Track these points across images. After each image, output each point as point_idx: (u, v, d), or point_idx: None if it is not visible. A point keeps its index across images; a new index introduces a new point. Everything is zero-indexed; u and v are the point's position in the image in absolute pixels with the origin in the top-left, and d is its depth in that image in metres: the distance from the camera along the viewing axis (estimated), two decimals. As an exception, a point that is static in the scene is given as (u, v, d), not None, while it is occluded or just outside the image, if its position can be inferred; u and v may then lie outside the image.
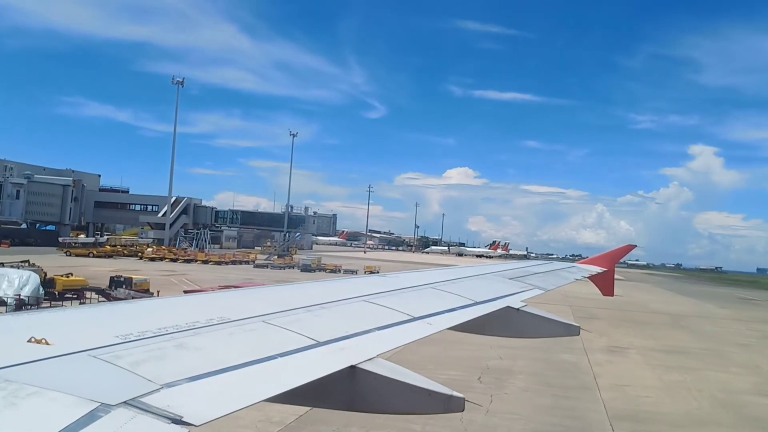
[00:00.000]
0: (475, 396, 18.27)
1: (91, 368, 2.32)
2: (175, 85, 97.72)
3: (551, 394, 19.76)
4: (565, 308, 44.95)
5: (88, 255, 73.14)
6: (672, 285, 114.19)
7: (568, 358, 25.86)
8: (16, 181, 49.04)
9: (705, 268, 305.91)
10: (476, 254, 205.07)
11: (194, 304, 3.97)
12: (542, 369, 23.41)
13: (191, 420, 2.10)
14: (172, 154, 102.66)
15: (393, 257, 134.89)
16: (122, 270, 45.46)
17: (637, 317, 47.25)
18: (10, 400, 1.92)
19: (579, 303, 50.11)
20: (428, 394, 3.20)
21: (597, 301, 56.12)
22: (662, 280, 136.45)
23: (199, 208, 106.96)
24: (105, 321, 3.16)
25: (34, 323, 2.84)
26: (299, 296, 4.54)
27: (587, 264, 12.19)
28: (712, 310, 60.44)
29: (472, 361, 23.53)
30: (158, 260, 76.57)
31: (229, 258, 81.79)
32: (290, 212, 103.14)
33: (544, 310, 5.89)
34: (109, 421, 1.91)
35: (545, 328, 5.80)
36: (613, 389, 20.88)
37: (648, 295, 75.81)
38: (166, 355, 2.61)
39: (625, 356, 28.21)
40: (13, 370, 2.13)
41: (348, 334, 3.50)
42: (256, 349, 2.92)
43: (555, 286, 8.37)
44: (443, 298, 5.30)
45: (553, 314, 5.89)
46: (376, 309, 4.35)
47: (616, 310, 50.01)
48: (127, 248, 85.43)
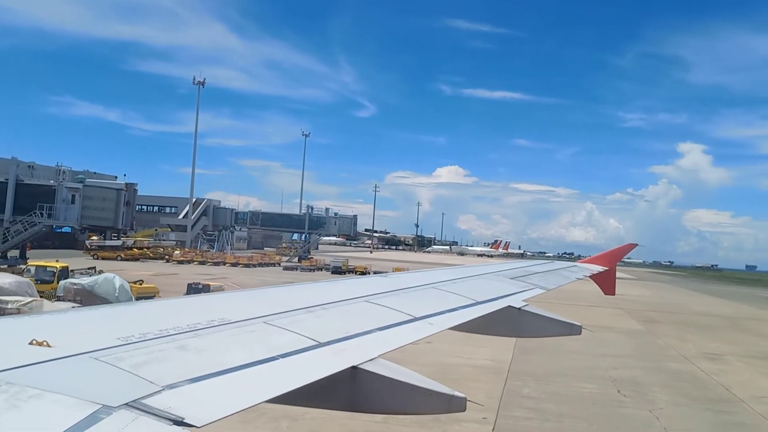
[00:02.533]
0: (633, 412, 18.23)
1: (93, 370, 2.33)
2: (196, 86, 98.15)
3: (705, 408, 19.28)
4: (622, 313, 45.44)
5: (115, 258, 71.02)
6: (687, 284, 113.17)
7: (678, 367, 25.69)
8: (72, 186, 48.77)
9: (701, 265, 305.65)
10: (477, 253, 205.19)
11: (195, 306, 3.97)
12: (666, 380, 23.06)
13: (193, 421, 2.10)
14: (194, 155, 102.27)
15: (399, 257, 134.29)
16: (162, 273, 45.19)
17: (693, 320, 47.05)
18: (12, 403, 1.92)
19: (629, 306, 50.51)
20: (430, 394, 3.20)
21: (640, 303, 56.35)
22: (672, 279, 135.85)
23: (219, 210, 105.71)
24: (106, 323, 3.16)
25: (35, 326, 2.84)
26: (300, 297, 4.54)
27: (588, 263, 12.19)
28: (754, 312, 59.72)
29: (591, 372, 23.48)
30: (186, 263, 75.39)
31: (256, 260, 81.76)
32: (311, 213, 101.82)
33: (600, 314, 5.84)
34: (111, 423, 1.92)
35: (547, 327, 5.81)
36: (758, 402, 20.29)
37: (678, 296, 75.27)
38: (168, 356, 2.61)
39: (728, 364, 27.81)
40: (15, 372, 2.13)
41: (349, 334, 3.51)
42: (258, 350, 2.92)
43: (556, 286, 8.38)
44: (444, 298, 5.30)
45: (554, 313, 5.89)
46: (378, 309, 4.35)
47: (666, 313, 50.50)
48: (153, 250, 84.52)
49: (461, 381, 20.74)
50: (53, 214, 46.75)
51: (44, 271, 34.83)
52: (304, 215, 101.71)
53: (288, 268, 77.41)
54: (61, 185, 47.66)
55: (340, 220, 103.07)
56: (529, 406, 18.37)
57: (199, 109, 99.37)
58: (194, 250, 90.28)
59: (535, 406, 18.39)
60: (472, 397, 12.47)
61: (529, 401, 18.89)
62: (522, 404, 18.53)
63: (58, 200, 47.07)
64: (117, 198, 48.57)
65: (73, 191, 47.88)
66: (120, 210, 48.72)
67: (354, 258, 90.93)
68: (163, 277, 40.77)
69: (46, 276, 33.95)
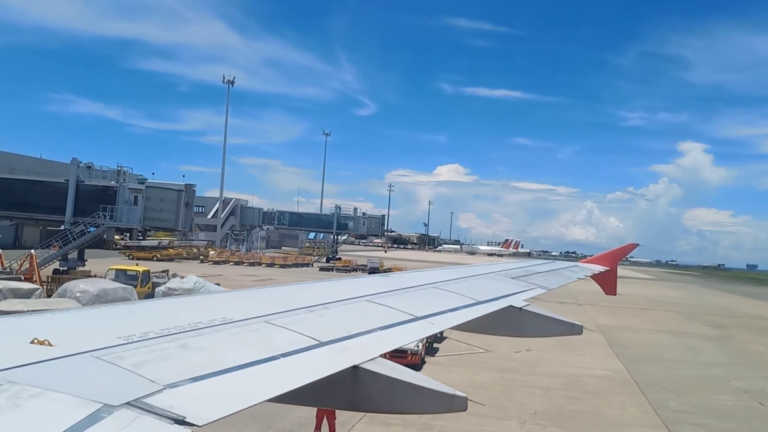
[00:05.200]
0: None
1: (94, 369, 2.32)
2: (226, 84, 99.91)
3: None
4: (678, 317, 45.74)
5: (151, 258, 71.81)
6: (710, 285, 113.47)
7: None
8: (135, 187, 48.34)
9: (707, 265, 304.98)
10: (488, 253, 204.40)
11: (196, 305, 3.97)
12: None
13: (194, 420, 2.10)
14: (224, 153, 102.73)
15: (412, 256, 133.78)
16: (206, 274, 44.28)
17: (760, 325, 47.29)
18: (13, 402, 1.92)
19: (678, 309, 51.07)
20: (431, 393, 3.20)
21: (686, 306, 56.57)
22: (692, 280, 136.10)
23: (246, 209, 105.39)
24: (107, 322, 3.16)
25: (36, 324, 2.84)
26: (301, 296, 4.53)
27: (590, 263, 12.18)
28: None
29: (713, 382, 23.79)
30: (222, 263, 75.33)
31: (291, 260, 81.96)
32: (339, 212, 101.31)
33: (658, 318, 5.79)
34: (112, 422, 1.91)
35: (548, 327, 5.79)
36: None
37: (716, 298, 75.15)
38: (169, 355, 2.61)
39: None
40: (16, 371, 2.13)
41: (350, 334, 3.50)
42: (259, 350, 2.92)
43: (558, 285, 8.36)
44: (446, 298, 5.30)
45: (555, 313, 5.88)
46: (379, 309, 4.35)
47: (725, 317, 50.69)
48: (187, 250, 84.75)
49: (601, 395, 21.07)
50: (115, 215, 46.05)
51: (126, 275, 34.15)
52: (332, 215, 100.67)
53: (324, 269, 77.10)
54: (124, 186, 46.89)
55: (368, 220, 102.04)
56: (692, 422, 18.39)
57: (228, 108, 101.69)
58: (226, 249, 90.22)
59: (698, 421, 18.44)
60: (624, 413, 12.66)
61: (687, 416, 18.95)
62: (683, 419, 18.56)
63: (120, 201, 46.33)
64: (177, 199, 47.95)
65: (136, 192, 47.23)
66: (180, 211, 48.09)
67: (381, 258, 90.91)
68: (211, 278, 40.66)
69: (129, 280, 33.16)
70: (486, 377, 22.89)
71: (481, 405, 16.28)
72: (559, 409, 19.13)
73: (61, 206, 46.25)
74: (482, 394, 20.08)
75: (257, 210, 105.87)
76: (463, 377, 22.31)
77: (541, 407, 19.15)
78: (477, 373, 23.27)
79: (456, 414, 15.66)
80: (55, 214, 47.33)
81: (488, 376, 23.14)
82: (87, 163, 48.35)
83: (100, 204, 46.05)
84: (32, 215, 50.63)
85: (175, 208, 47.80)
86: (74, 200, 46.42)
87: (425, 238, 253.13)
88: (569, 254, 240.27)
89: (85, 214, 45.97)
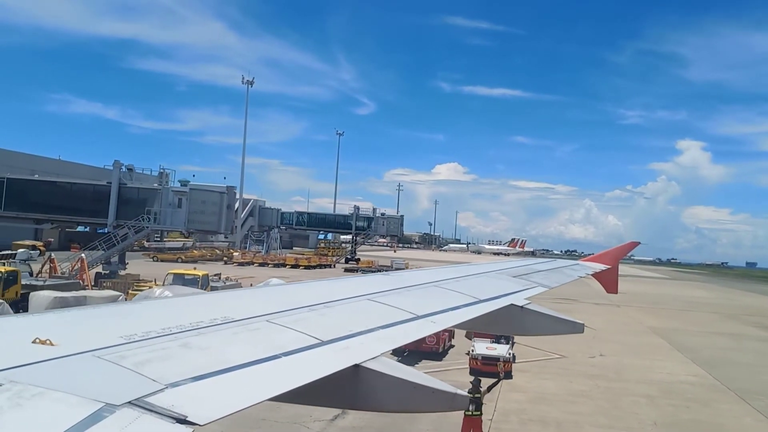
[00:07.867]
0: None
1: (96, 369, 2.33)
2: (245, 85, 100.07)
3: None
4: (724, 318, 45.36)
5: (176, 260, 71.17)
6: (726, 284, 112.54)
7: None
8: (179, 189, 47.83)
9: (711, 263, 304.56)
10: (494, 252, 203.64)
11: (198, 304, 3.97)
12: None
13: (196, 419, 2.10)
14: (243, 154, 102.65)
15: (420, 256, 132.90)
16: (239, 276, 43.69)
17: None
18: (15, 401, 1.92)
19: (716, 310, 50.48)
20: (432, 392, 3.19)
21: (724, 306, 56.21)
22: (704, 278, 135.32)
23: (264, 210, 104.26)
24: (109, 321, 3.16)
25: (38, 324, 2.84)
26: (303, 295, 4.53)
27: (591, 261, 12.16)
28: None
29: None
30: (247, 264, 74.84)
31: (315, 261, 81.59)
32: (358, 213, 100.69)
33: (706, 319, 5.71)
34: (114, 421, 1.92)
35: (549, 326, 5.79)
36: None
37: (743, 298, 74.50)
38: (171, 355, 2.61)
39: None
40: (18, 371, 2.13)
41: (352, 332, 3.50)
42: (260, 349, 2.92)
43: (559, 284, 8.35)
44: (447, 297, 5.29)
45: (557, 312, 5.88)
46: (380, 307, 4.35)
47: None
48: (212, 252, 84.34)
49: (706, 402, 21.12)
50: (159, 218, 45.35)
51: (183, 279, 33.07)
52: (351, 215, 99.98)
53: (349, 270, 76.55)
54: (167, 189, 46.29)
55: (388, 221, 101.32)
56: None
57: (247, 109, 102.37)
58: (247, 251, 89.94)
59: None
60: (740, 422, 13.09)
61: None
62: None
63: (163, 204, 45.77)
64: (220, 201, 47.43)
65: (180, 195, 46.65)
66: (222, 214, 47.57)
67: (383, 258, 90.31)
68: (244, 280, 40.31)
69: (189, 284, 31.50)
70: (581, 385, 22.70)
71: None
72: (673, 419, 19.04)
73: (102, 209, 45.66)
74: (590, 404, 19.96)
75: (276, 210, 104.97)
76: (559, 385, 22.04)
77: (657, 417, 19.03)
78: (570, 381, 23.02)
79: (579, 426, 15.64)
80: (97, 217, 46.84)
81: (582, 383, 22.96)
82: (128, 166, 47.93)
83: (142, 207, 45.51)
84: (74, 218, 50.26)
85: (218, 211, 47.20)
86: (117, 203, 45.90)
87: (428, 237, 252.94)
88: (570, 253, 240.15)
89: (127, 217, 45.43)
